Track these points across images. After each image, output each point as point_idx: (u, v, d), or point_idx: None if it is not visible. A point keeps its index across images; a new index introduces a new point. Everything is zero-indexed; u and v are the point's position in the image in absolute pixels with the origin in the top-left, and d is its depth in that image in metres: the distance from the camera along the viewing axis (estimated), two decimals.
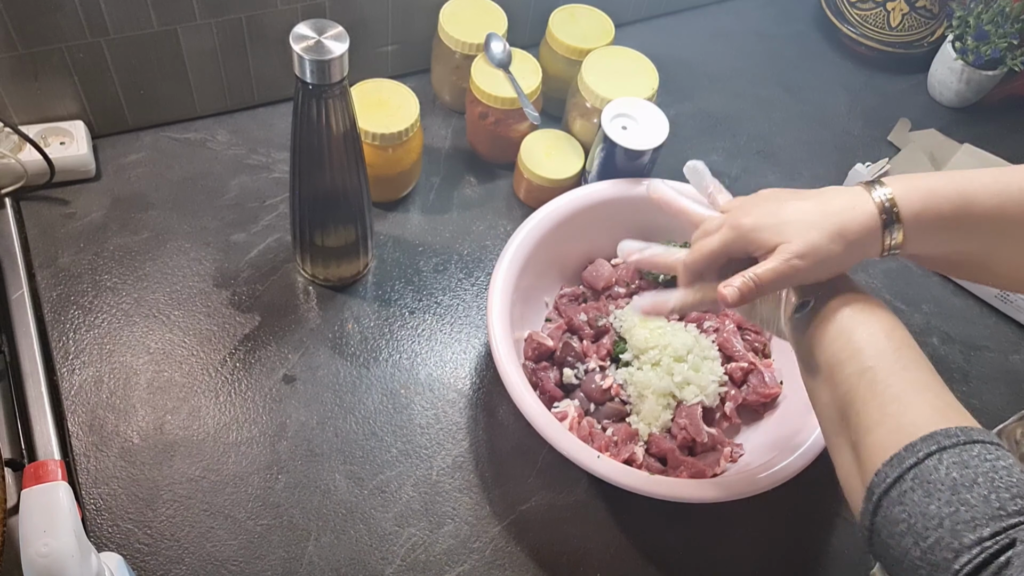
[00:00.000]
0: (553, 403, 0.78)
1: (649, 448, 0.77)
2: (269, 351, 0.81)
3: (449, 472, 0.77)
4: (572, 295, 0.86)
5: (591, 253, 0.88)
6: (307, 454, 0.76)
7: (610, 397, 0.79)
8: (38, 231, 0.85)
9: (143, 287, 0.83)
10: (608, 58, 0.94)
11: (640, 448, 0.76)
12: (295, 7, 0.90)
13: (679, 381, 0.78)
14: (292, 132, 0.71)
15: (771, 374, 0.81)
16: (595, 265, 0.87)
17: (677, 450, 0.75)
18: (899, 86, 1.19)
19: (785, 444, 0.74)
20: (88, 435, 0.74)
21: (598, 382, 0.79)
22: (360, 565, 0.71)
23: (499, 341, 0.73)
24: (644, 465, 0.75)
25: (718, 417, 0.80)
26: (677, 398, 0.78)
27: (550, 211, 0.83)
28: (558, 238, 0.83)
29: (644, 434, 0.77)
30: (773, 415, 0.80)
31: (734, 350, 0.82)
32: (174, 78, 0.91)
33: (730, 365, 0.81)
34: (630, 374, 0.79)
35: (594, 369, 0.80)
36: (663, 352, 0.79)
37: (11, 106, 0.86)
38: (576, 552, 0.74)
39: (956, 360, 0.92)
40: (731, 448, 0.77)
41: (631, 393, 0.78)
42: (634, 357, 0.80)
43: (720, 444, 0.77)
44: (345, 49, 0.64)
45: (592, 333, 0.82)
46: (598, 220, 0.85)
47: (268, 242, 0.88)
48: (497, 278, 0.77)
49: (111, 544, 0.69)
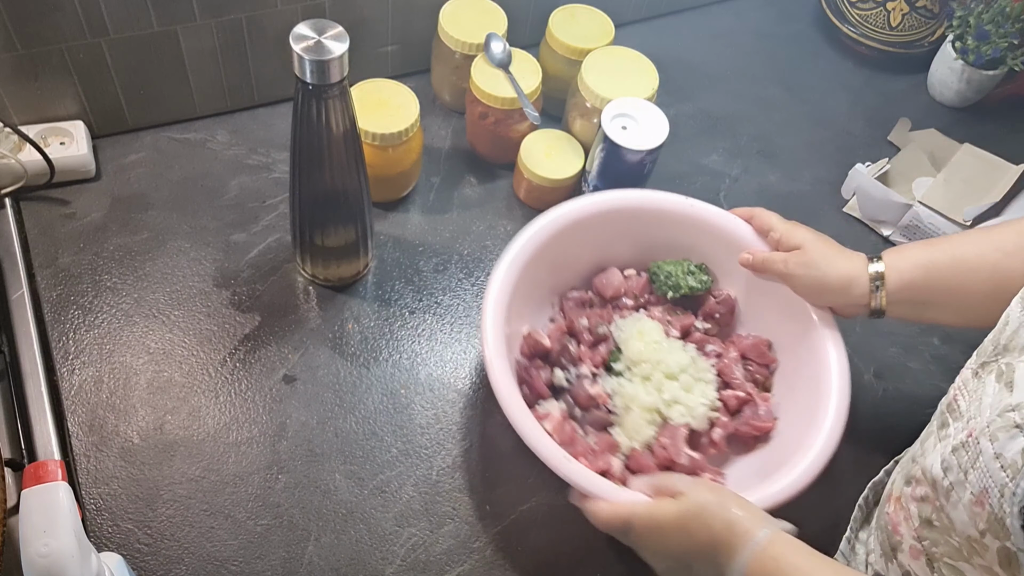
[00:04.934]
0: (538, 401, 0.77)
1: (628, 463, 0.75)
2: (269, 351, 0.81)
3: (449, 472, 0.77)
4: (579, 299, 0.85)
5: (605, 260, 0.86)
6: (307, 454, 0.76)
7: (596, 405, 0.77)
8: (38, 231, 0.85)
9: (143, 287, 0.83)
10: (608, 58, 0.94)
11: (618, 460, 0.74)
12: (295, 7, 0.90)
13: (667, 399, 0.76)
14: (292, 132, 0.71)
15: (767, 408, 0.78)
16: (607, 273, 0.86)
17: (655, 469, 0.73)
18: (899, 86, 1.19)
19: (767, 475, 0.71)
20: (88, 435, 0.74)
21: (587, 388, 0.77)
22: (360, 565, 0.71)
23: (489, 330, 0.72)
24: (619, 478, 0.73)
25: (704, 442, 0.77)
26: (663, 416, 0.76)
27: (567, 210, 0.80)
28: (574, 238, 0.81)
29: (625, 447, 0.75)
30: (764, 449, 0.77)
31: (733, 377, 0.80)
32: (174, 78, 0.91)
33: (726, 392, 0.79)
34: (619, 384, 0.78)
35: (586, 375, 0.79)
36: (655, 367, 0.77)
37: (11, 106, 0.86)
38: (576, 552, 0.74)
39: (956, 360, 0.92)
40: (711, 476, 0.74)
41: (617, 404, 0.77)
42: (626, 368, 0.79)
43: (701, 470, 0.74)
44: (345, 49, 0.64)
45: (591, 339, 0.81)
46: (616, 229, 0.84)
47: (268, 242, 0.88)
48: (501, 265, 0.76)
49: (111, 544, 0.69)
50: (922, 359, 0.92)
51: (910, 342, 0.93)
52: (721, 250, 0.83)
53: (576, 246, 0.82)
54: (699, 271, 0.84)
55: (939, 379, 0.90)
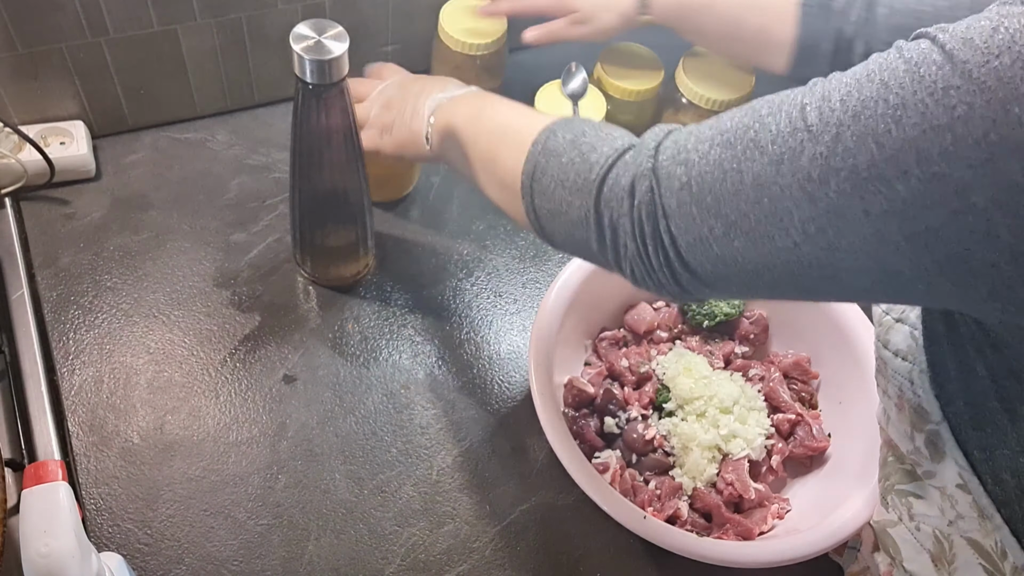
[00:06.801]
0: (594, 453, 0.76)
1: (693, 503, 0.74)
2: (269, 351, 0.81)
3: (449, 472, 0.77)
4: (613, 338, 0.83)
5: (633, 296, 0.85)
6: (307, 454, 0.76)
7: (653, 448, 0.76)
8: (38, 231, 0.85)
9: (143, 287, 0.83)
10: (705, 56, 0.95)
11: (684, 503, 0.74)
12: (295, 7, 0.90)
13: (725, 434, 0.75)
14: (292, 132, 0.71)
15: (819, 426, 0.78)
16: (637, 309, 0.84)
17: (723, 506, 0.73)
18: None
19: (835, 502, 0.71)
20: (88, 435, 0.74)
21: (640, 432, 0.76)
22: (360, 565, 0.71)
23: (540, 392, 0.71)
24: (689, 522, 0.73)
25: (764, 471, 0.77)
26: (723, 451, 0.75)
27: None
28: (602, 279, 0.79)
29: (688, 488, 0.75)
30: (822, 469, 0.78)
31: (781, 400, 0.79)
32: (174, 78, 0.91)
33: (777, 416, 0.79)
34: (674, 425, 0.76)
35: (636, 418, 0.77)
36: (708, 403, 0.76)
37: (11, 106, 0.86)
38: (576, 552, 0.74)
39: None
40: (778, 504, 0.75)
41: (675, 445, 0.76)
42: (679, 407, 0.77)
43: (767, 501, 0.74)
44: (345, 49, 0.64)
45: (634, 380, 0.80)
46: None
47: (268, 242, 0.88)
48: (540, 321, 0.75)
49: (111, 544, 0.69)
50: None
51: None
52: None
53: (605, 286, 0.81)
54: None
55: None
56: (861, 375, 0.76)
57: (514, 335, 0.86)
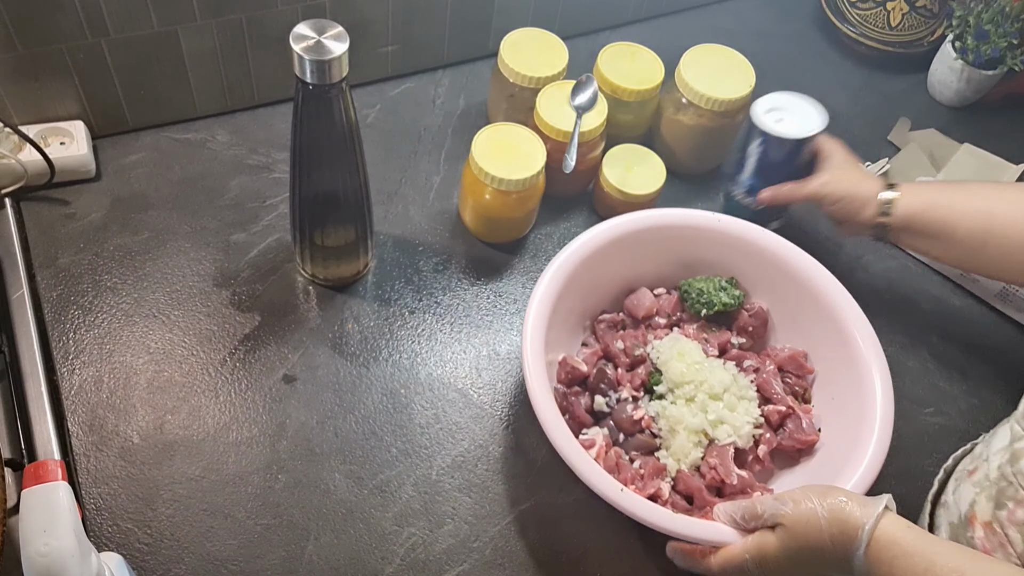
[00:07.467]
0: (582, 429, 0.77)
1: (676, 485, 0.75)
2: (269, 351, 0.81)
3: (449, 472, 0.77)
4: (611, 321, 0.84)
5: (634, 280, 0.86)
6: (307, 454, 0.76)
7: (640, 429, 0.76)
8: (38, 231, 0.85)
9: (143, 287, 0.83)
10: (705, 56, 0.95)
11: (667, 484, 0.74)
12: (295, 7, 0.90)
13: (713, 419, 0.76)
14: (292, 132, 0.71)
15: (809, 420, 0.78)
16: (637, 294, 0.85)
17: (705, 490, 0.73)
18: (899, 86, 1.19)
19: None
20: (88, 435, 0.74)
21: (629, 412, 0.77)
22: (360, 564, 0.71)
23: (531, 364, 0.71)
24: (670, 502, 0.73)
25: (750, 460, 0.77)
26: (709, 436, 0.76)
27: (594, 235, 0.80)
28: (602, 261, 0.80)
29: (672, 470, 0.75)
30: (810, 462, 0.77)
31: (773, 392, 0.79)
32: (174, 78, 0.91)
33: (767, 407, 0.79)
34: (663, 407, 0.77)
35: (627, 399, 0.78)
36: (699, 388, 0.77)
37: (11, 106, 0.86)
38: (576, 552, 0.74)
39: (956, 359, 0.92)
40: (761, 493, 0.74)
41: (662, 427, 0.76)
42: (669, 390, 0.78)
43: (750, 488, 0.74)
44: (345, 49, 0.64)
45: (628, 362, 0.81)
46: (643, 249, 0.83)
47: (268, 242, 0.88)
48: (535, 298, 0.75)
49: (111, 544, 0.69)
50: (920, 357, 0.92)
51: (908, 340, 0.93)
52: (749, 263, 0.84)
53: (605, 269, 0.81)
54: (730, 286, 0.84)
55: (937, 378, 0.90)
56: (857, 373, 0.76)
57: (514, 335, 0.86)
